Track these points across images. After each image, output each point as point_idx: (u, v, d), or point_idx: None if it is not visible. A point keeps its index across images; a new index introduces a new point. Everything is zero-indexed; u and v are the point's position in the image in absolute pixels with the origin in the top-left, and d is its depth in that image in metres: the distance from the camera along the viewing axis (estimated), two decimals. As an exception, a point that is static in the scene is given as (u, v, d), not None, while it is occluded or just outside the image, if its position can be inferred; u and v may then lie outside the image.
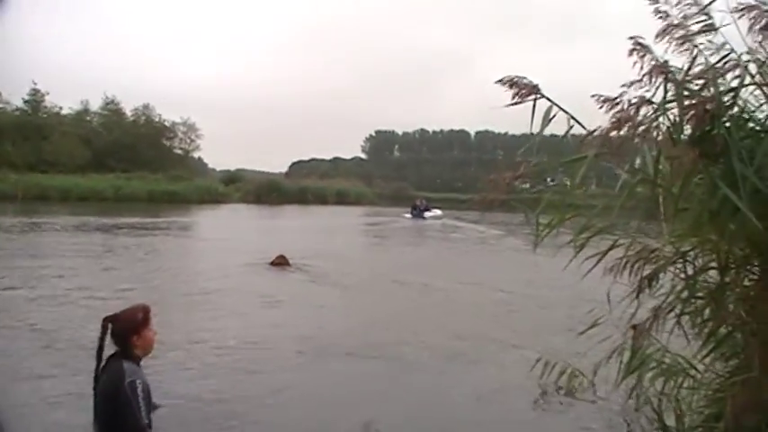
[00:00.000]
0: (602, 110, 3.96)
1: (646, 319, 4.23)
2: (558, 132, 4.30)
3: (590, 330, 5.77)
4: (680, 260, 4.19)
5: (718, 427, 4.05)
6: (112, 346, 4.88)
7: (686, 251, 4.18)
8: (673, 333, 4.42)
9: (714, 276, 4.09)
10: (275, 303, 11.51)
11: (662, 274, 4.25)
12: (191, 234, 28.14)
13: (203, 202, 50.56)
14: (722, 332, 4.21)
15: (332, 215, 44.14)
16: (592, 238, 4.49)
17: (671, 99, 3.77)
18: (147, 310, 4.98)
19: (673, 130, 3.77)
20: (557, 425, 5.92)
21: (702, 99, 3.65)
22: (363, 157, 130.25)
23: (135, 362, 4.81)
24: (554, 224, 4.41)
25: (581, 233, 4.43)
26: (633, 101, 3.88)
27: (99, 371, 4.83)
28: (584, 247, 4.48)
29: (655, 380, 5.17)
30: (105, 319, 4.85)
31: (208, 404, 5.87)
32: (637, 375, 5.18)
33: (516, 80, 4.09)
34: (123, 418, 4.54)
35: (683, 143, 3.66)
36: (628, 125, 3.76)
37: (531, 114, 4.04)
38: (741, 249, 3.87)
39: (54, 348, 7.59)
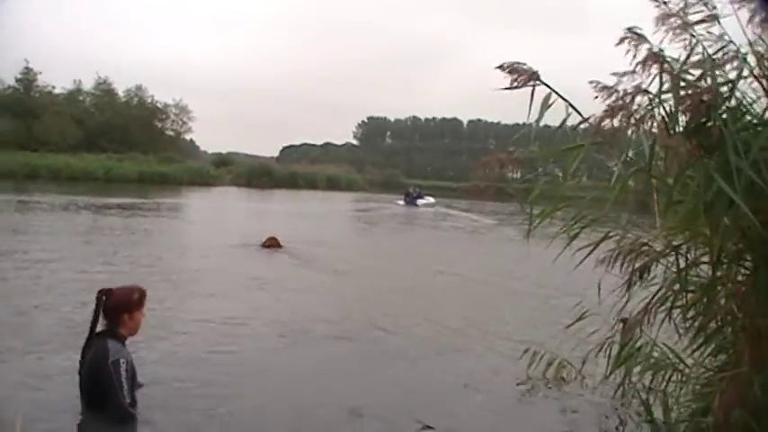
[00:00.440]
0: (596, 99, 3.93)
1: (636, 313, 4.22)
2: (552, 123, 4.27)
3: (581, 322, 5.76)
4: (672, 253, 4.16)
5: (705, 421, 4.03)
6: (101, 324, 4.86)
7: (678, 245, 4.15)
8: (662, 327, 4.40)
9: (706, 271, 4.06)
10: (263, 286, 11.42)
11: (653, 267, 4.22)
12: (180, 215, 27.96)
13: (194, 184, 50.33)
14: (712, 327, 4.19)
15: (322, 200, 44.01)
16: (584, 229, 4.46)
17: (667, 89, 3.73)
18: (143, 293, 4.98)
19: (668, 121, 3.72)
20: (543, 414, 5.89)
21: (699, 90, 3.61)
22: (355, 143, 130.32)
23: (120, 341, 4.79)
24: (546, 213, 4.37)
25: (573, 224, 4.41)
26: (629, 90, 3.84)
27: (85, 348, 4.80)
28: (575, 237, 4.45)
29: (643, 373, 5.16)
30: (101, 292, 4.83)
31: (191, 385, 5.81)
32: (625, 368, 5.18)
33: (516, 66, 4.06)
34: (106, 396, 4.54)
35: (678, 134, 3.62)
36: (621, 114, 3.72)
37: (530, 101, 4.00)
38: (734, 244, 3.83)
39: (36, 325, 7.50)
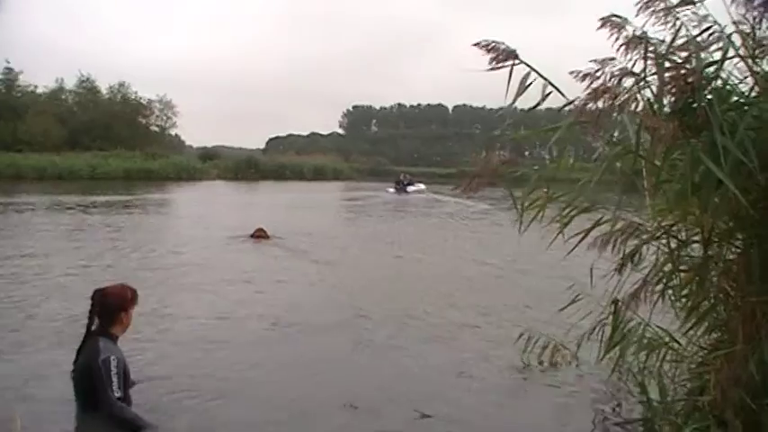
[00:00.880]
0: (581, 84, 3.93)
1: (626, 293, 4.25)
2: (539, 106, 4.26)
3: (577, 305, 5.78)
4: (663, 235, 4.19)
5: (702, 399, 4.07)
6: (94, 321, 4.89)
7: (669, 225, 4.18)
8: (656, 307, 4.42)
9: (697, 250, 4.09)
10: (251, 278, 11.38)
11: (645, 249, 4.25)
12: (167, 211, 27.91)
13: (181, 179, 50.18)
14: (705, 306, 4.22)
15: (310, 191, 43.92)
16: (576, 215, 4.48)
17: (652, 72, 3.75)
18: (134, 291, 5.02)
19: (654, 102, 3.74)
20: (539, 398, 5.92)
21: (684, 71, 3.62)
22: (341, 132, 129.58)
23: (112, 339, 4.83)
24: (542, 203, 4.39)
25: (565, 211, 4.42)
26: (615, 73, 3.85)
27: (80, 348, 4.83)
28: (568, 224, 4.47)
29: (637, 354, 5.19)
30: (96, 292, 4.86)
31: (182, 380, 5.81)
32: (619, 349, 5.21)
33: (494, 45, 4.06)
34: (96, 393, 4.58)
35: (663, 115, 3.63)
36: (606, 96, 3.73)
37: (508, 80, 4.00)
38: (725, 223, 3.86)
39: (28, 324, 7.49)
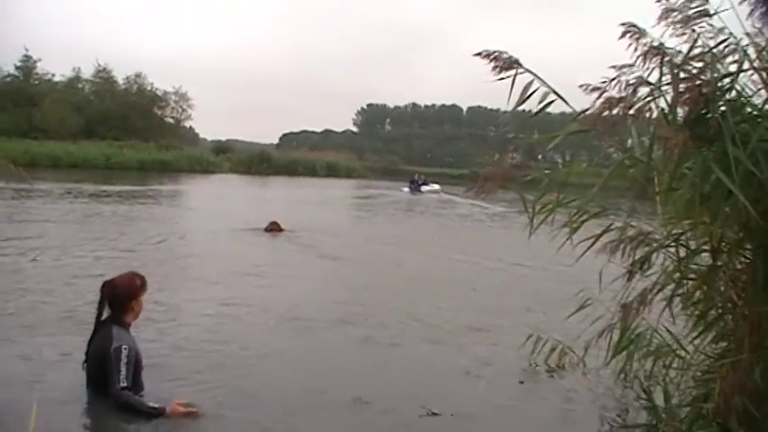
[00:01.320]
0: (595, 93, 3.97)
1: (634, 299, 4.28)
2: (551, 110, 4.31)
3: (585, 310, 5.81)
4: (673, 243, 4.23)
5: (706, 407, 4.10)
6: (104, 311, 4.98)
7: (679, 234, 4.22)
8: (663, 315, 4.46)
9: (706, 259, 4.12)
10: (264, 272, 11.43)
11: (655, 256, 4.28)
12: (181, 202, 28.09)
13: (194, 171, 50.45)
14: (713, 314, 4.26)
15: (323, 187, 43.96)
16: (587, 220, 4.52)
17: (667, 82, 3.79)
18: (143, 278, 5.11)
19: (667, 112, 3.78)
20: (545, 401, 5.96)
21: (698, 82, 3.66)
22: (354, 130, 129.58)
23: (125, 327, 4.91)
24: (551, 209, 4.43)
25: (576, 215, 4.47)
26: (631, 81, 3.89)
27: (92, 337, 4.92)
28: (578, 229, 4.51)
29: (644, 360, 5.23)
30: (105, 284, 4.95)
31: (190, 372, 5.85)
32: (626, 355, 5.26)
33: (496, 54, 4.09)
34: (106, 382, 4.67)
35: (676, 125, 3.67)
36: (621, 105, 3.77)
37: (510, 88, 4.06)
38: (735, 233, 3.89)
39: (43, 313, 7.55)
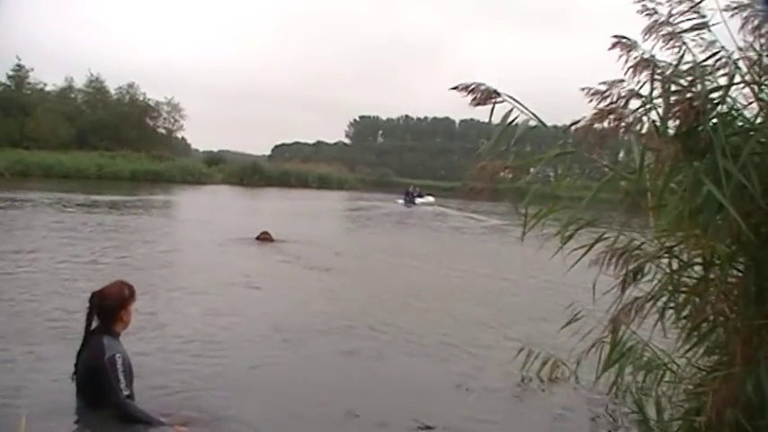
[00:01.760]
0: (591, 103, 3.99)
1: (621, 310, 4.26)
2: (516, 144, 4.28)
3: (579, 323, 5.80)
4: (665, 255, 4.22)
5: (698, 420, 4.09)
6: (93, 321, 4.93)
7: (671, 246, 4.21)
8: (655, 329, 4.44)
9: (698, 272, 4.12)
10: (252, 282, 11.40)
11: (647, 268, 4.28)
12: (172, 213, 28.01)
13: (186, 182, 50.38)
14: (705, 327, 4.25)
15: (315, 199, 44.02)
16: (579, 231, 4.52)
17: (658, 95, 3.79)
18: (131, 287, 5.06)
19: (659, 125, 3.78)
20: (536, 414, 5.94)
21: (689, 96, 3.66)
22: (347, 142, 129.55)
23: (115, 336, 4.87)
24: (541, 216, 4.42)
25: (567, 226, 4.46)
26: (622, 93, 3.90)
27: (81, 348, 4.87)
28: (570, 239, 4.50)
29: (635, 373, 5.22)
30: (94, 295, 4.91)
31: (179, 385, 5.81)
32: (618, 368, 5.24)
33: (473, 87, 4.07)
34: (104, 392, 4.62)
35: (667, 138, 3.67)
36: (611, 117, 3.78)
37: (489, 117, 4.05)
38: (727, 246, 3.89)
39: (32, 323, 7.47)
